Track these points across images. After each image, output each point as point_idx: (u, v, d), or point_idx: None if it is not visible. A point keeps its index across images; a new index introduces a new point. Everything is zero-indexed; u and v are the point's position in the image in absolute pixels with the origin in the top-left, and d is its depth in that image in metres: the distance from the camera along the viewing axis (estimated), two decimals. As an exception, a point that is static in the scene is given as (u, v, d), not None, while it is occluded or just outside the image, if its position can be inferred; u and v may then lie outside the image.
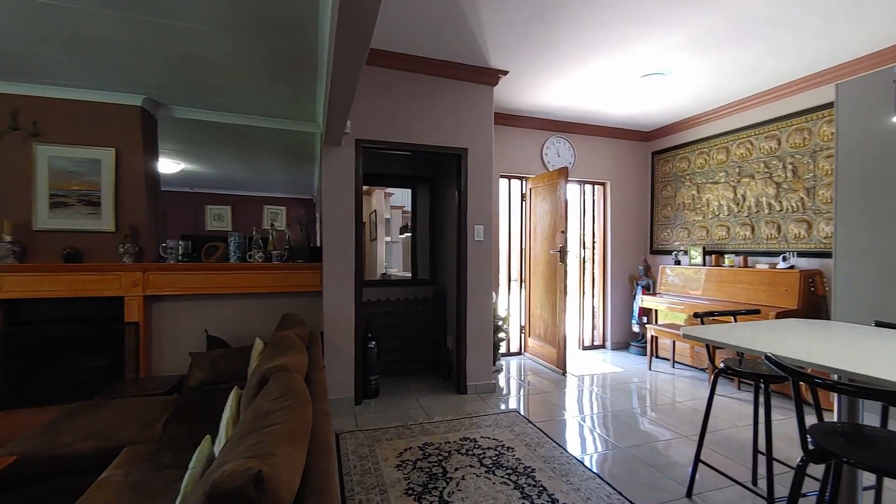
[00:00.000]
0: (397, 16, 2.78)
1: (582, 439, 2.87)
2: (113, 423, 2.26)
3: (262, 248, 3.61)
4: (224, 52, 2.61)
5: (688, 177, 4.99)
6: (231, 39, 2.47)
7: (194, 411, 2.44)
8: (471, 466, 2.42)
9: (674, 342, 4.55)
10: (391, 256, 5.34)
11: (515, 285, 5.29)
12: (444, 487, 2.21)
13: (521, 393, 3.81)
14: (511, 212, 5.16)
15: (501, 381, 4.10)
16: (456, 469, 2.39)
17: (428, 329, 4.44)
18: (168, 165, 5.13)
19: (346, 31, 1.69)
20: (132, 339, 3.19)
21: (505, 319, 4.44)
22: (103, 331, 3.20)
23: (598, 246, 5.48)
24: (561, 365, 4.29)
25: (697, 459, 2.17)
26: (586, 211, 5.55)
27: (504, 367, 4.59)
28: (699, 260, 4.69)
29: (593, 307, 5.51)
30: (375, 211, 5.36)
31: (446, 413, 3.25)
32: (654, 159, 5.47)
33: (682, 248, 5.01)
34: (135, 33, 2.39)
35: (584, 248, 5.56)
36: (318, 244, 4.00)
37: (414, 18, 2.82)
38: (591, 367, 4.62)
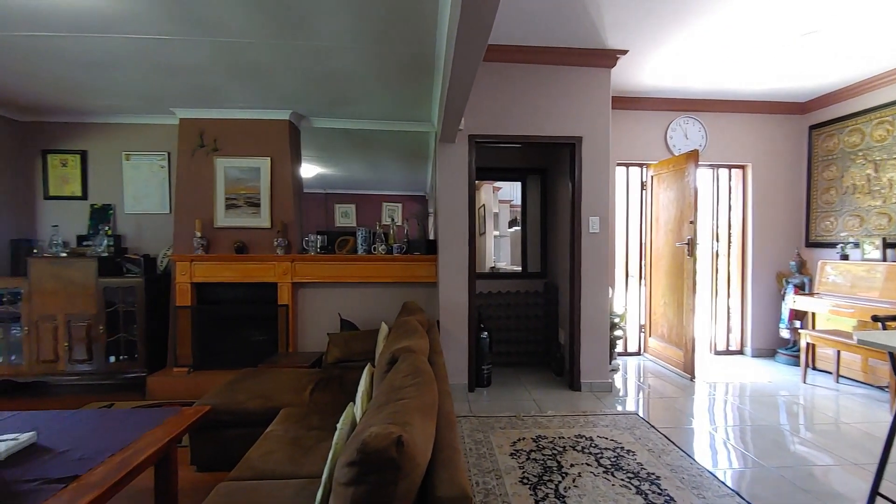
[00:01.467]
0: (511, 6, 2.79)
1: (714, 451, 2.59)
2: (273, 387, 2.70)
3: (385, 242, 3.95)
4: (355, 65, 2.91)
5: (861, 153, 4.10)
6: (361, 53, 2.74)
7: (333, 383, 2.80)
8: (587, 465, 2.36)
9: (838, 352, 3.80)
10: (499, 250, 5.38)
11: (634, 281, 4.93)
12: (559, 482, 2.20)
13: (641, 395, 3.56)
14: (629, 202, 4.81)
15: (618, 381, 3.88)
16: (571, 465, 2.36)
17: (539, 322, 4.40)
18: (307, 170, 5.88)
19: (466, 32, 1.76)
20: (283, 319, 3.76)
21: (622, 317, 4.19)
22: (262, 311, 3.84)
23: (736, 238, 4.81)
24: (688, 369, 3.90)
25: (875, 492, 1.82)
26: (720, 198, 4.91)
27: (621, 367, 4.33)
28: (877, 254, 3.83)
29: (728, 307, 4.87)
30: (484, 205, 5.45)
31: (559, 408, 3.20)
32: (811, 135, 4.61)
33: (851, 239, 4.15)
34: (285, 57, 2.79)
35: (717, 241, 4.94)
36: (432, 238, 4.23)
37: (527, 6, 2.80)
38: (725, 374, 4.11)
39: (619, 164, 4.58)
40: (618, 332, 4.15)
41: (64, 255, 3.61)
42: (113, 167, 3.99)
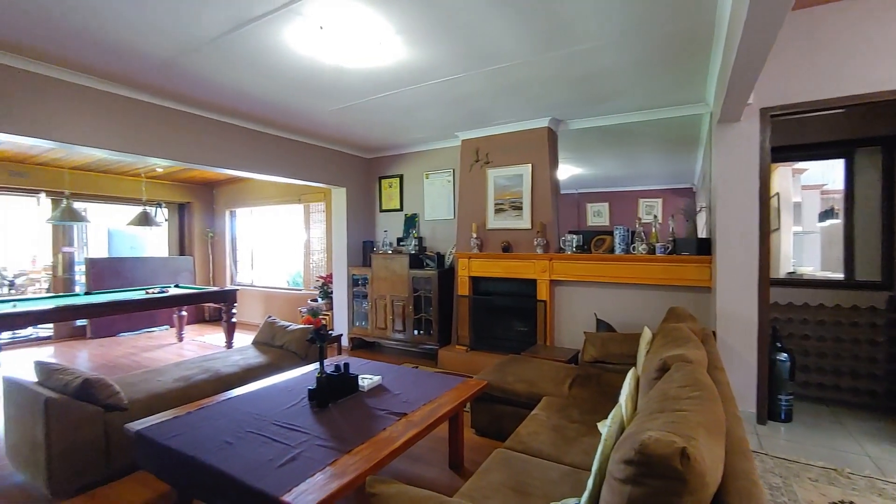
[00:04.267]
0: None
1: None
2: (535, 375, 2.95)
3: (644, 241, 3.68)
4: (616, 59, 2.84)
5: None
6: (624, 45, 2.65)
7: (590, 381, 2.83)
8: (981, 572, 1.59)
9: None
10: (801, 250, 4.16)
11: None
12: (920, 577, 1.57)
13: None
14: None
15: None
16: (946, 562, 1.64)
17: (877, 350, 3.18)
18: (561, 171, 6.08)
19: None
20: (542, 313, 4.04)
21: None
22: (524, 304, 4.23)
23: None
24: None
25: None
26: None
27: None
28: None
29: None
30: (778, 194, 4.31)
31: (919, 477, 2.25)
32: None
33: None
34: (547, 69, 2.99)
35: None
36: (703, 236, 3.67)
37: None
38: None
39: None
40: None
41: (390, 252, 4.98)
42: (417, 185, 5.23)
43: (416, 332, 4.74)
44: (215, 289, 5.29)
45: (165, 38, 2.51)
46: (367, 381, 2.53)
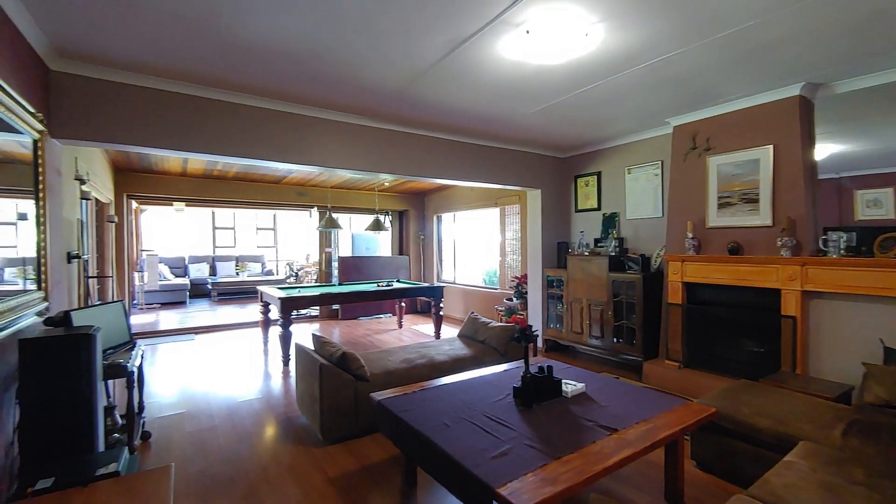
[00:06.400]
0: None
1: None
2: (782, 410, 2.35)
3: (983, 240, 2.51)
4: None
5: None
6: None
7: (878, 431, 2.10)
8: None
9: None
10: None
11: None
12: None
13: None
14: None
15: None
16: None
17: None
18: (819, 151, 4.70)
19: None
20: (788, 332, 3.20)
21: None
22: (759, 319, 3.44)
23: None
24: None
25: None
26: None
27: None
28: None
29: None
30: None
31: None
32: None
33: None
34: (804, 19, 2.33)
35: None
36: None
37: None
38: None
39: None
40: None
41: (587, 254, 4.75)
42: (618, 182, 4.85)
43: (615, 339, 4.39)
44: (426, 285, 6.05)
45: (397, 72, 2.97)
46: (570, 386, 2.46)
